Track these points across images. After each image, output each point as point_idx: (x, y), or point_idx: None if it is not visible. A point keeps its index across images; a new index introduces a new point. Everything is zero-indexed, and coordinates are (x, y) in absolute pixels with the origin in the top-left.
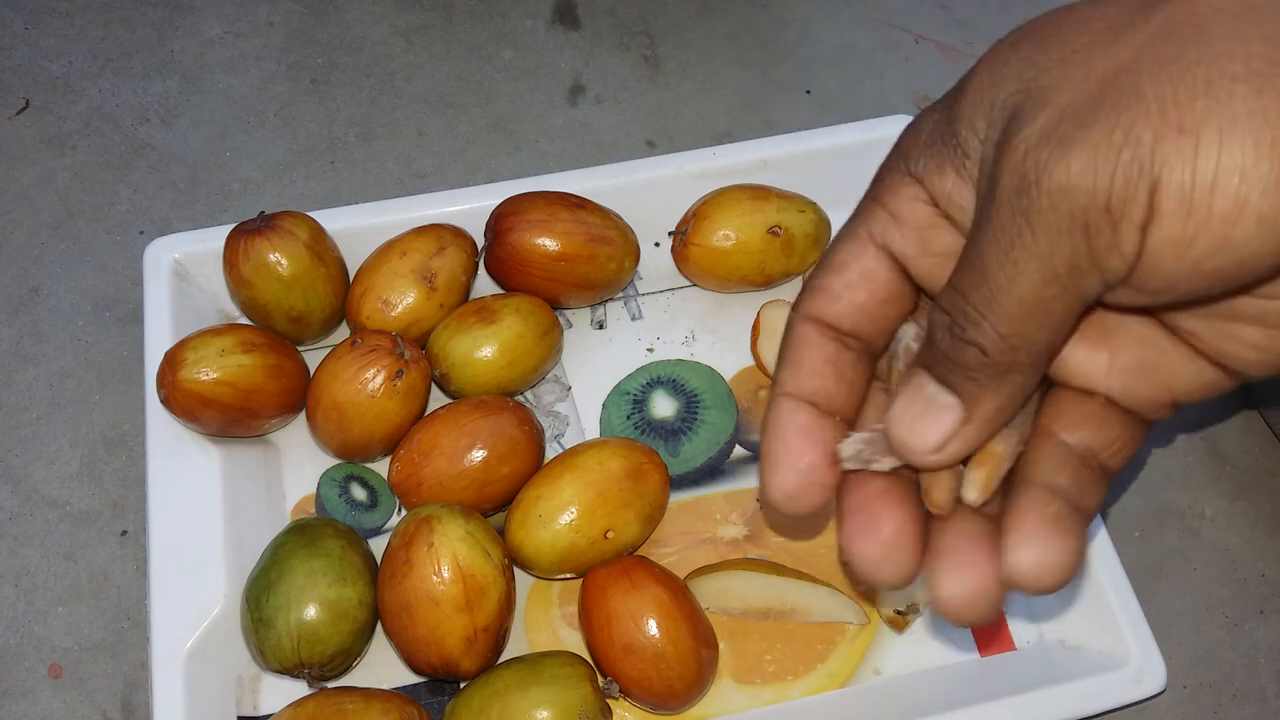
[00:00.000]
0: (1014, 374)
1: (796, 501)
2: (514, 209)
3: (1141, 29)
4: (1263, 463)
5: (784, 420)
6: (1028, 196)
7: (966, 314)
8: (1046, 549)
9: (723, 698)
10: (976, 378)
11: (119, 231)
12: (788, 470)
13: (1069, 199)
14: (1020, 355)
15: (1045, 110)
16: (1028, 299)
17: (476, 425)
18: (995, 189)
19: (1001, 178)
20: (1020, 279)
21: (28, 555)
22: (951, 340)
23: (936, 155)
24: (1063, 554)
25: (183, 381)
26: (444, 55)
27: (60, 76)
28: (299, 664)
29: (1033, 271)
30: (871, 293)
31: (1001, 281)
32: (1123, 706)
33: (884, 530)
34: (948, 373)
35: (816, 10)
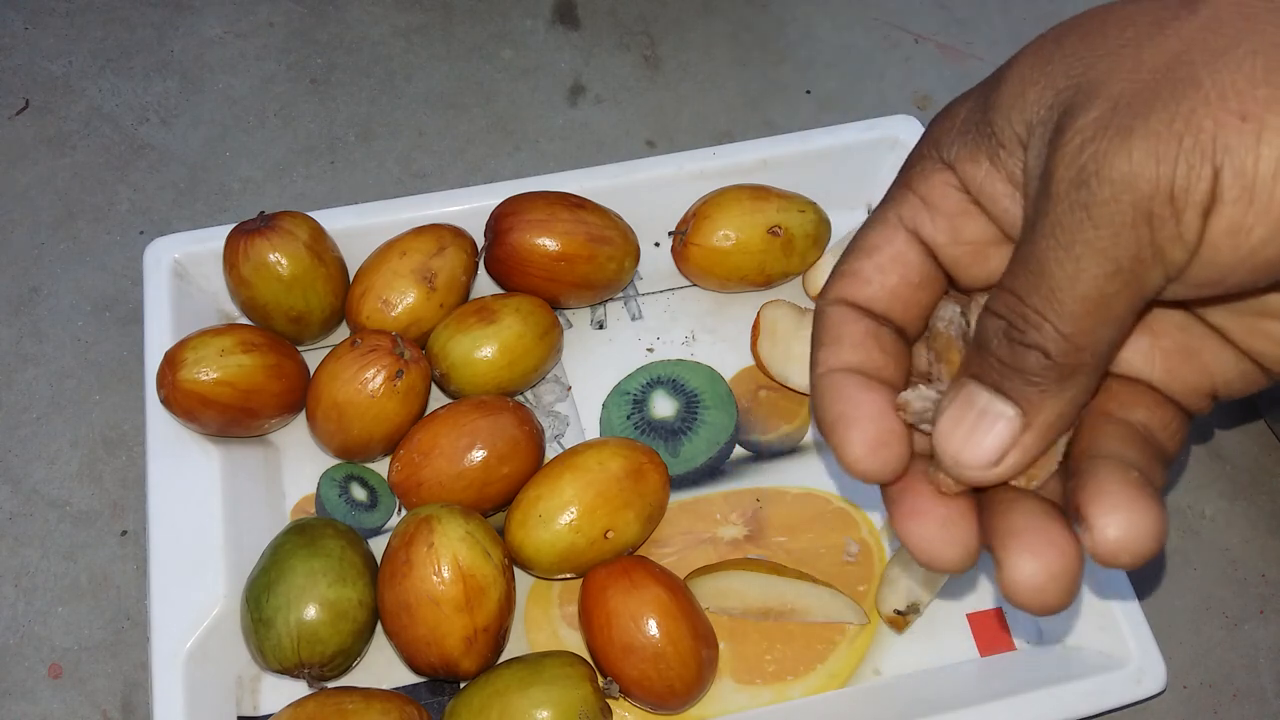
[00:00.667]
0: (1078, 376)
1: (880, 451)
2: (514, 209)
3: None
4: (1263, 463)
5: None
6: (1087, 189)
7: (1026, 316)
8: (1135, 515)
9: (723, 698)
10: (1038, 383)
11: (119, 231)
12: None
13: (1132, 189)
14: (1085, 356)
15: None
16: (1091, 296)
17: (476, 425)
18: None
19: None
20: (1082, 275)
21: (28, 555)
22: (1010, 346)
23: (970, 144)
24: (1152, 521)
25: (183, 381)
26: (444, 55)
27: (60, 76)
28: (299, 664)
29: (1095, 267)
30: (903, 276)
31: (1062, 280)
32: (1123, 706)
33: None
34: (1003, 380)
35: (816, 10)
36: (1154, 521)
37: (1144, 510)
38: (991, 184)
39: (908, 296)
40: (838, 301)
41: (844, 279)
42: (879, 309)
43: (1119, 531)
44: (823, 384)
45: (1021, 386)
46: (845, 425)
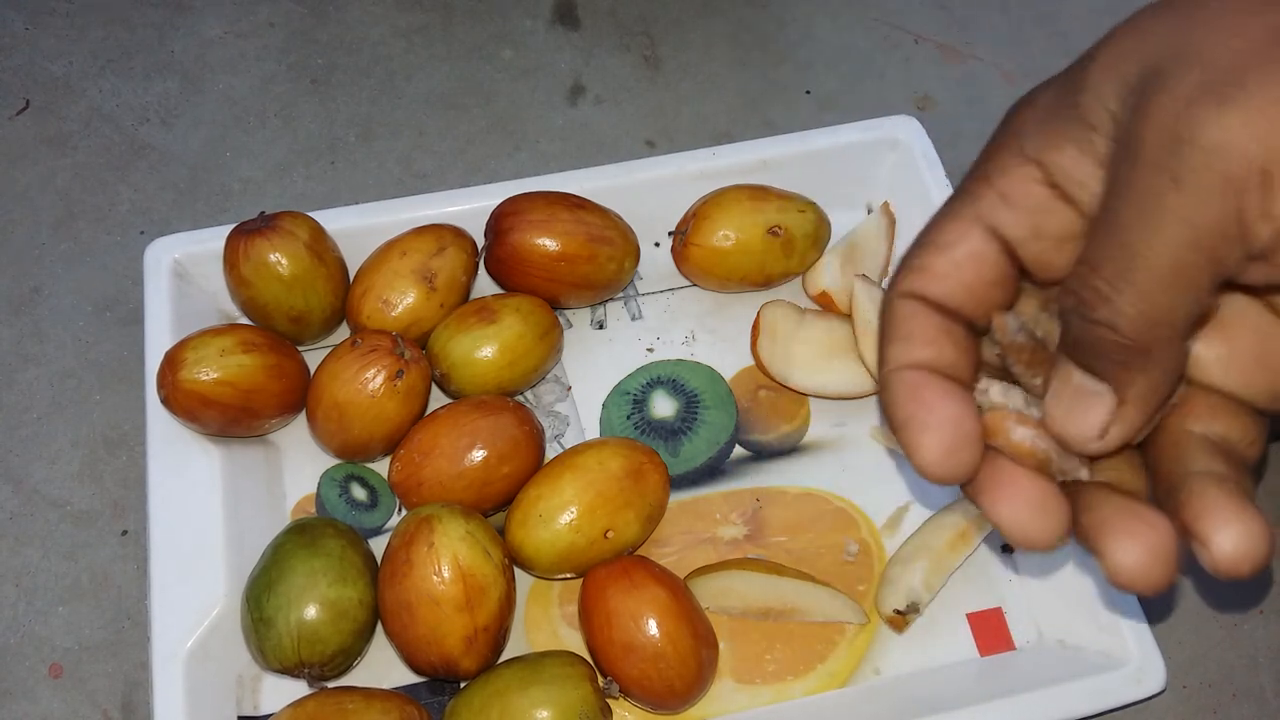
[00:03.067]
0: (1157, 350)
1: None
2: (514, 209)
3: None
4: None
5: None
6: (1178, 155)
7: (1096, 290)
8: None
9: (723, 698)
10: (1119, 360)
11: (119, 231)
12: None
13: (1224, 158)
14: (1160, 330)
15: (1196, 68)
16: (1166, 267)
17: (476, 425)
18: (1138, 148)
19: (1146, 135)
20: (1160, 244)
21: (28, 555)
22: (1081, 323)
23: (1054, 131)
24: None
25: (183, 381)
26: (444, 55)
27: (60, 76)
28: (299, 664)
29: (1175, 235)
30: (979, 274)
31: (1139, 247)
32: (1123, 706)
33: (1030, 489)
34: (1088, 359)
35: (816, 10)
36: (1263, 529)
37: (1252, 520)
38: (1080, 170)
39: (982, 294)
40: (908, 296)
41: (915, 274)
42: (952, 305)
43: (1233, 545)
44: (894, 381)
45: (1106, 364)
46: (918, 428)
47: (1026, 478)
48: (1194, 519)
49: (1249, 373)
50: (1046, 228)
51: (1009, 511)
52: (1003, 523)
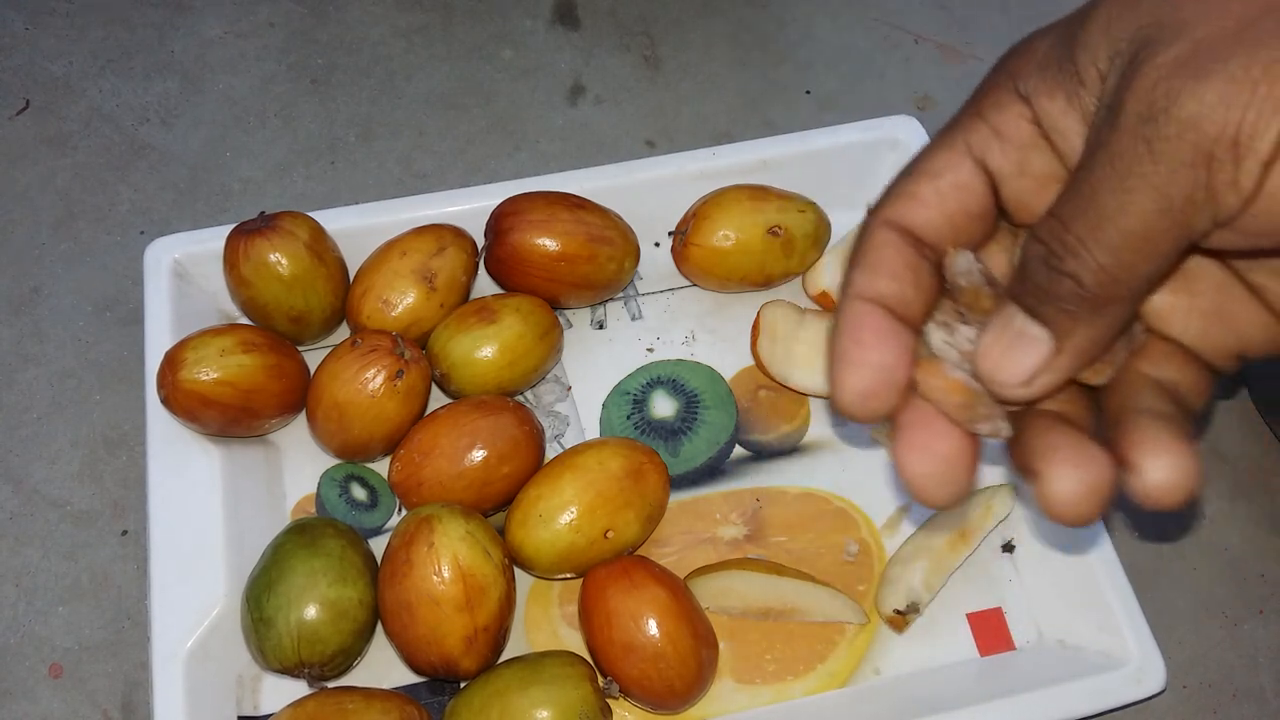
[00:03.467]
0: (1111, 307)
1: (869, 401)
2: (514, 209)
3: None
4: (1263, 463)
5: (860, 319)
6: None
7: (1066, 243)
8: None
9: (723, 698)
10: (1071, 310)
11: (119, 231)
12: (862, 367)
13: (1197, 129)
14: (1119, 289)
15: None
16: (1136, 230)
17: (476, 425)
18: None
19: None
20: (1131, 208)
21: (28, 555)
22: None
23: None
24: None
25: (183, 381)
26: (444, 55)
27: (60, 76)
28: (299, 664)
29: (1146, 201)
30: (962, 204)
31: (1110, 209)
32: (1123, 706)
33: (941, 446)
34: (1038, 304)
35: (816, 10)
36: (1194, 464)
37: (1185, 454)
38: (1066, 120)
39: (962, 226)
40: (887, 224)
41: (900, 199)
42: (929, 236)
43: (1164, 474)
44: (844, 309)
45: (1054, 312)
46: (845, 364)
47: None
48: (1131, 447)
49: (1206, 326)
50: (1031, 166)
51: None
52: (905, 473)
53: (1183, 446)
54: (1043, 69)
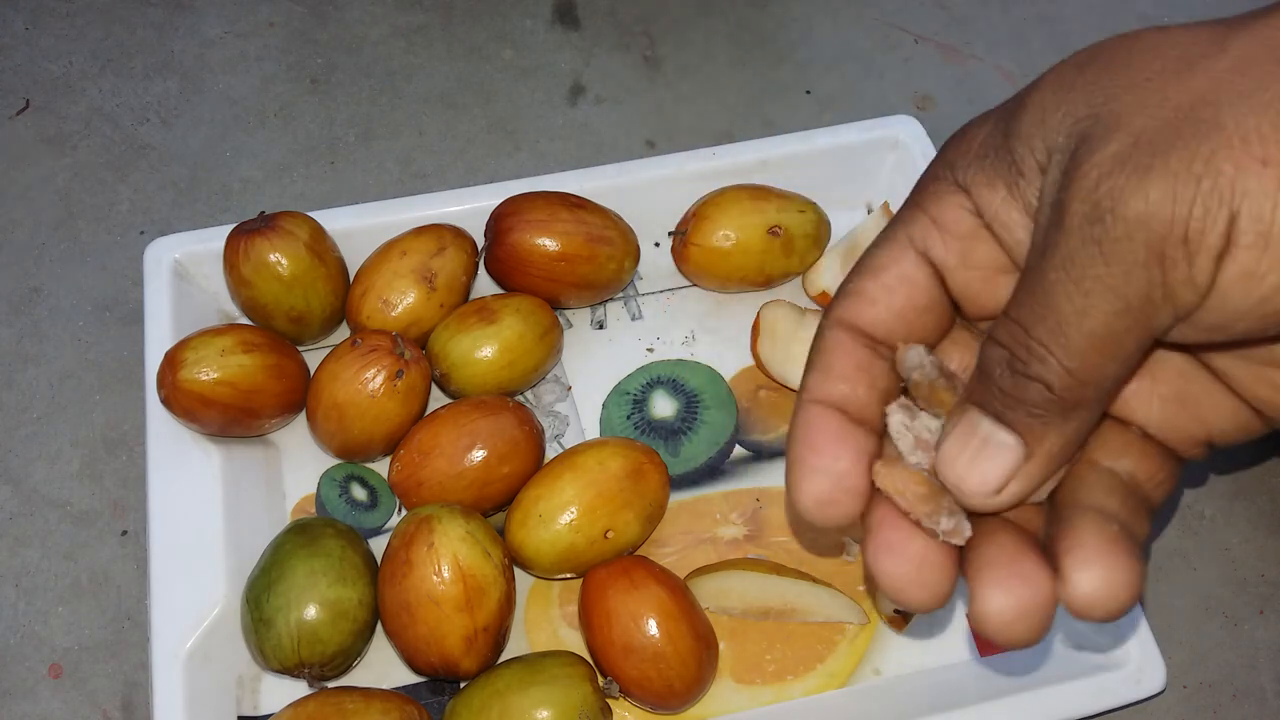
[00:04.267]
0: (1081, 409)
1: (828, 509)
2: (514, 209)
3: (1217, 59)
4: (1263, 463)
5: (814, 424)
6: (1102, 225)
7: (1030, 348)
8: (1110, 571)
9: (723, 698)
10: (1041, 415)
11: (119, 231)
12: (819, 474)
13: (1146, 228)
14: (1089, 391)
15: (1118, 136)
16: (1098, 332)
17: (476, 425)
18: (1064, 215)
19: (1071, 204)
20: (1091, 311)
21: (28, 555)
22: (1013, 376)
23: (988, 169)
24: (1127, 576)
25: (183, 381)
26: (444, 55)
27: (60, 76)
28: (299, 664)
29: (1104, 304)
30: (909, 298)
31: (1069, 314)
32: (1123, 706)
33: (914, 546)
34: (1005, 410)
35: (816, 10)
36: (1128, 577)
37: (1119, 566)
38: (1007, 212)
39: (913, 320)
40: (838, 324)
41: (848, 299)
42: (881, 333)
43: (1091, 586)
44: (800, 413)
45: (1024, 417)
46: (802, 471)
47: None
48: (1062, 552)
49: (1170, 414)
50: (974, 257)
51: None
52: (880, 574)
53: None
54: (980, 159)
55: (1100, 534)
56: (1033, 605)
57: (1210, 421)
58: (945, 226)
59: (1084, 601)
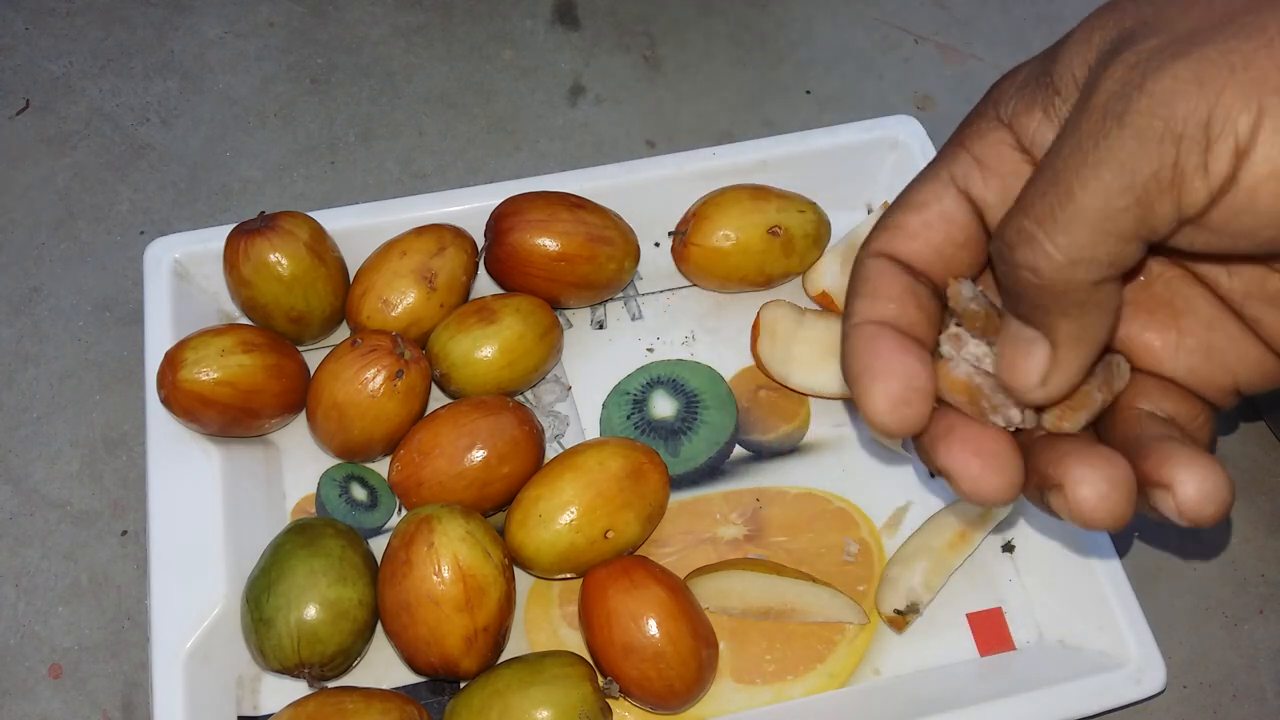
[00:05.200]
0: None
1: (903, 410)
2: (514, 209)
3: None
4: (1263, 463)
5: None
6: (1125, 99)
7: (1021, 230)
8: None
9: (723, 698)
10: (1039, 304)
11: (119, 231)
12: (890, 378)
13: (1168, 105)
14: (1079, 271)
15: (1160, 34)
16: (1095, 207)
17: (476, 425)
18: (1091, 95)
19: (1102, 82)
20: (1094, 184)
21: (28, 555)
22: (1004, 268)
23: (1027, 96)
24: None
25: (183, 381)
26: (444, 55)
27: (60, 76)
28: (299, 664)
29: (1109, 177)
30: (948, 234)
31: (1072, 186)
32: (1123, 706)
33: (987, 444)
34: (1016, 305)
35: (816, 10)
36: (1225, 476)
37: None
38: (1044, 133)
39: (950, 255)
40: (879, 254)
41: (888, 232)
42: (920, 265)
43: (1199, 487)
44: (854, 335)
45: (1029, 309)
46: (871, 378)
47: (980, 430)
48: (1156, 468)
49: (1196, 364)
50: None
51: (963, 463)
52: (956, 474)
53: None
54: (1022, 89)
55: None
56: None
57: (1237, 370)
58: (987, 164)
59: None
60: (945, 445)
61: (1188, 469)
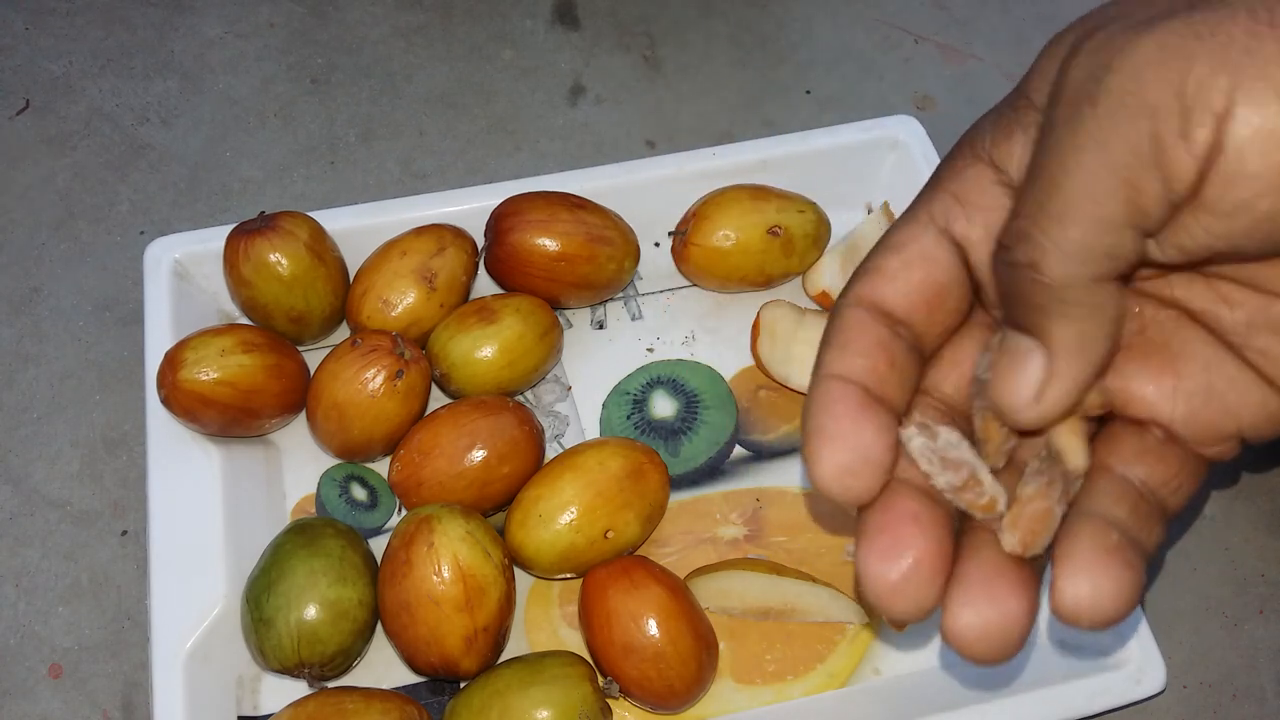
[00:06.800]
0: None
1: (848, 480)
2: (514, 209)
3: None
4: (1263, 463)
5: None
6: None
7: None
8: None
9: (723, 698)
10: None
11: (119, 231)
12: (840, 443)
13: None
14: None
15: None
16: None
17: (476, 425)
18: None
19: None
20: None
21: (28, 555)
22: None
23: (1004, 125)
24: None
25: (183, 381)
26: (444, 55)
27: (60, 76)
28: (299, 664)
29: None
30: (928, 274)
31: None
32: (1123, 706)
33: (906, 557)
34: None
35: (816, 10)
36: (1119, 587)
37: (1110, 576)
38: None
39: (931, 298)
40: (857, 303)
41: (867, 275)
42: (900, 312)
43: (1084, 595)
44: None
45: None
46: (821, 441)
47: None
48: (1056, 558)
49: (1196, 406)
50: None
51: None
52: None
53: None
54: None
55: (1095, 543)
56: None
57: (1239, 413)
58: (968, 200)
59: (1068, 610)
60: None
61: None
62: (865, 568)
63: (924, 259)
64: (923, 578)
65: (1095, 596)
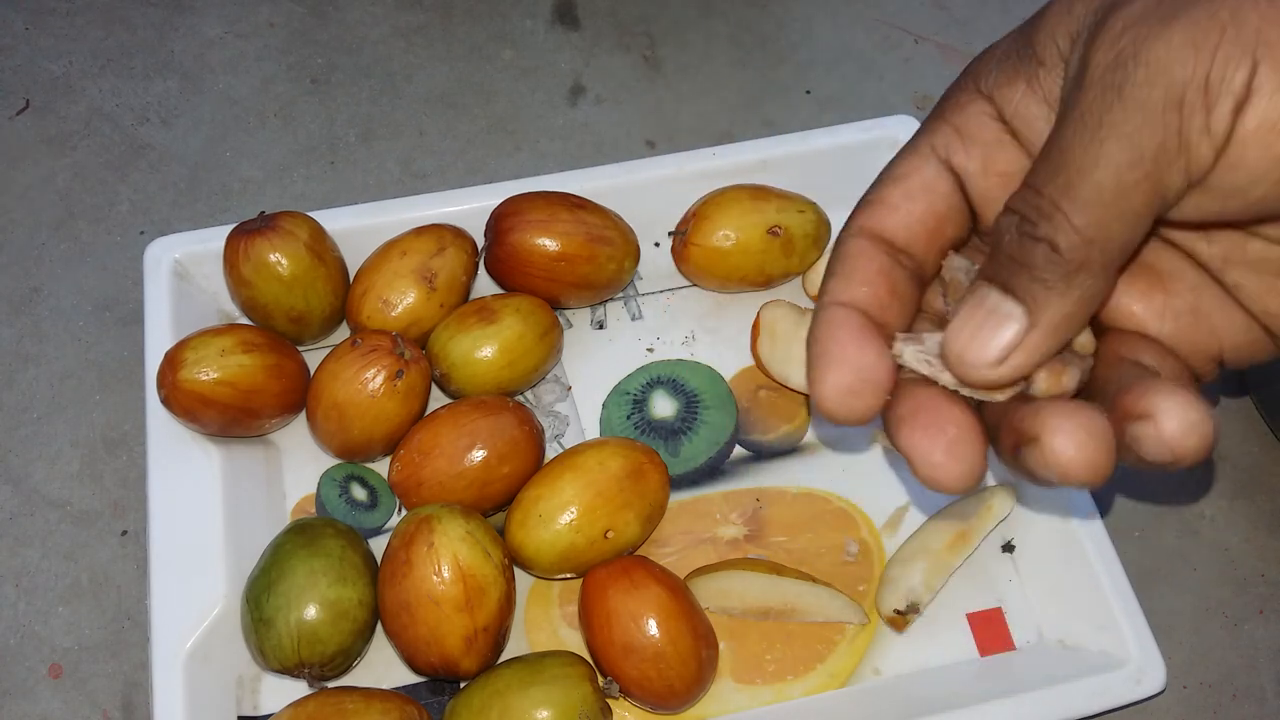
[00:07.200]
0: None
1: (851, 400)
2: (514, 209)
3: None
4: (1263, 463)
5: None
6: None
7: (1039, 208)
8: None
9: (723, 698)
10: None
11: (119, 231)
12: (843, 365)
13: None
14: (1094, 252)
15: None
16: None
17: (476, 425)
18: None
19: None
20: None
21: (28, 555)
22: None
23: (1009, 68)
24: (1206, 412)
25: (183, 381)
26: (444, 55)
27: (60, 76)
28: (299, 664)
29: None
30: (930, 205)
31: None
32: (1123, 706)
33: (949, 429)
34: (1011, 277)
35: (816, 10)
36: (1208, 412)
37: (1199, 401)
38: (1027, 106)
39: (932, 228)
40: (859, 233)
41: (869, 207)
42: (901, 241)
43: (1179, 420)
44: (821, 315)
45: (1028, 283)
46: (825, 364)
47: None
48: (1137, 400)
49: (1182, 327)
50: (996, 163)
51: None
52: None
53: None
54: (1003, 61)
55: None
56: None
57: (1222, 338)
58: (967, 133)
59: (1178, 437)
60: (909, 429)
61: (1170, 399)
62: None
63: (925, 190)
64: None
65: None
